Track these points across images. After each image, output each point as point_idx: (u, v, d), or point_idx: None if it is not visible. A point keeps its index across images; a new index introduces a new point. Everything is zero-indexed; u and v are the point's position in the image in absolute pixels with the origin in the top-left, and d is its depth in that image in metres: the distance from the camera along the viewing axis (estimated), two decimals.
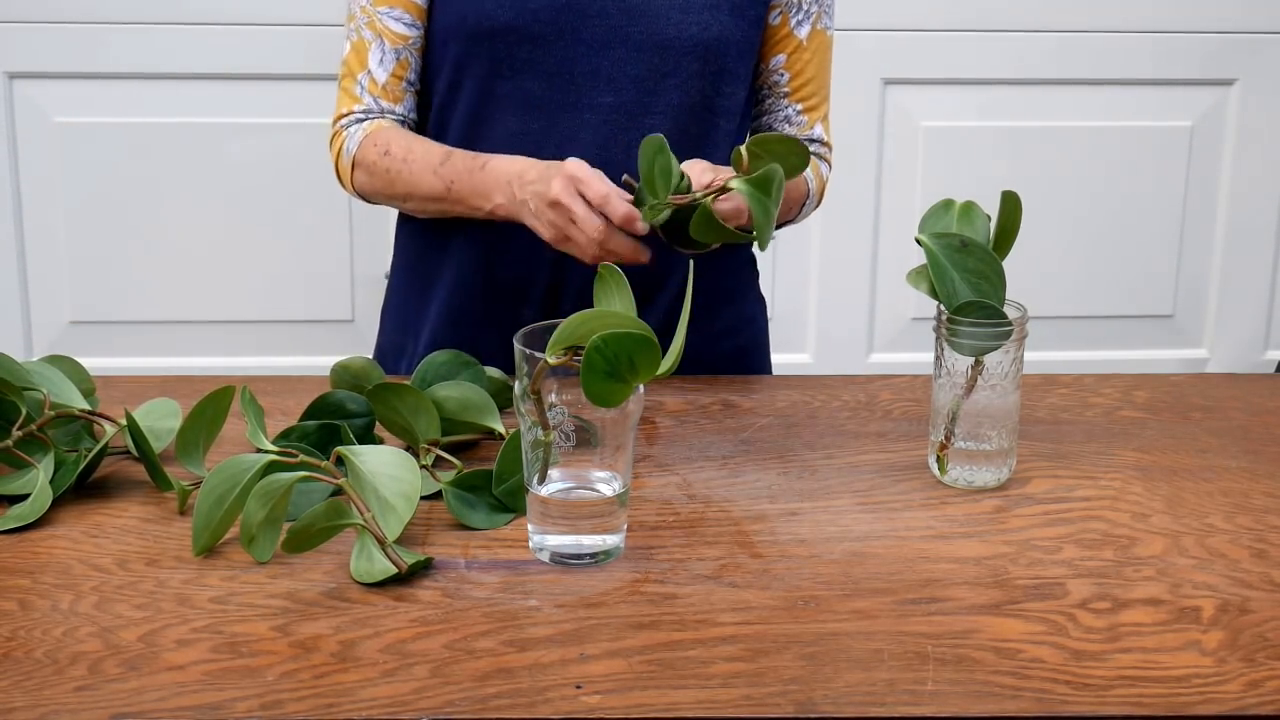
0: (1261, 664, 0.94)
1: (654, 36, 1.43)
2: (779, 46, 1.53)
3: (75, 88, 2.69)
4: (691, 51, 1.44)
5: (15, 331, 2.79)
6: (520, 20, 1.42)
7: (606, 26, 1.43)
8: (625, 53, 1.43)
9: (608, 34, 1.43)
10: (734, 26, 1.46)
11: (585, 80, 1.44)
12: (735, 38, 1.47)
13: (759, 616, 0.99)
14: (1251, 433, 1.33)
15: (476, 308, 1.52)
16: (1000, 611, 1.00)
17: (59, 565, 1.06)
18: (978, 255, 1.17)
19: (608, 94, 1.44)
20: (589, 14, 1.43)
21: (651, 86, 1.44)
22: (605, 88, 1.44)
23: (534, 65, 1.44)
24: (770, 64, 1.54)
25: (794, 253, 2.89)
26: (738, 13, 1.47)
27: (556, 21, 1.42)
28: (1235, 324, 3.01)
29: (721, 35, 1.45)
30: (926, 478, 1.22)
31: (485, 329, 1.51)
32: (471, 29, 1.44)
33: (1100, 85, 2.86)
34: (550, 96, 1.44)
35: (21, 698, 0.89)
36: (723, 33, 1.45)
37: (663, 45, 1.43)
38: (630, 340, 0.98)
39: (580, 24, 1.43)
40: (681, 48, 1.44)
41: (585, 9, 1.43)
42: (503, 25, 1.42)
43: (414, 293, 1.57)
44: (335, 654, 0.94)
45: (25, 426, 1.18)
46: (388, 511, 1.06)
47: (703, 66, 1.45)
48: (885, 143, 2.86)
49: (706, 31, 1.44)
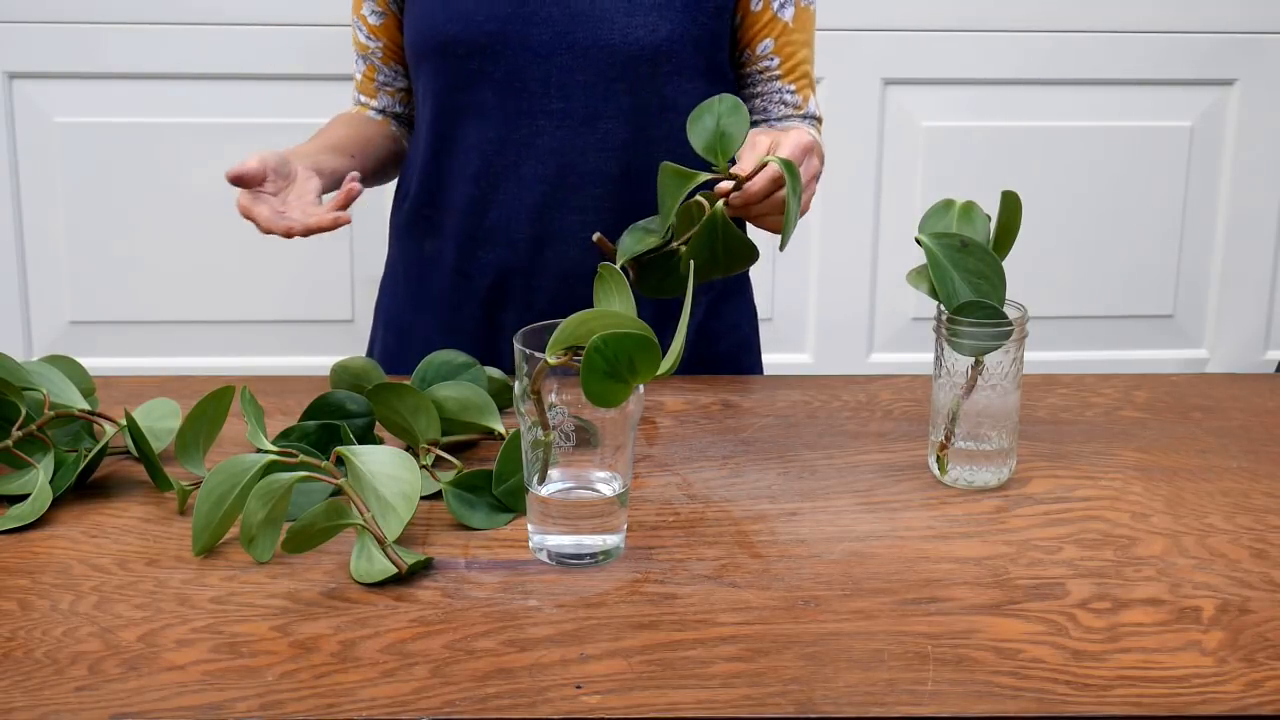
0: (1261, 664, 0.94)
1: (599, 42, 1.44)
2: (765, 31, 1.53)
3: (75, 88, 2.69)
4: (639, 55, 1.45)
5: (15, 331, 2.79)
6: (467, 33, 1.44)
7: (553, 34, 1.44)
8: (572, 59, 1.44)
9: (554, 41, 1.44)
10: (688, 23, 1.46)
11: (536, 88, 1.45)
12: (690, 34, 1.46)
13: (759, 616, 0.99)
14: (1251, 433, 1.33)
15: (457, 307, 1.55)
16: (1000, 611, 1.00)
17: (59, 565, 1.06)
18: (978, 255, 1.17)
19: (559, 101, 1.45)
20: (535, 22, 1.44)
21: (602, 92, 1.45)
22: (556, 95, 1.45)
23: (486, 76, 1.46)
24: (758, 50, 1.54)
25: (794, 253, 2.89)
26: (692, 8, 1.46)
27: (503, 32, 1.44)
28: (1235, 324, 3.01)
29: (671, 35, 1.45)
30: (926, 478, 1.22)
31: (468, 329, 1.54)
32: (425, 45, 1.47)
33: (1100, 85, 2.86)
34: (505, 106, 1.46)
35: (21, 698, 0.89)
36: (673, 33, 1.45)
37: (609, 50, 1.44)
38: (630, 340, 0.98)
39: (527, 33, 1.44)
40: (628, 52, 1.44)
41: (531, 17, 1.44)
42: (451, 39, 1.45)
43: (402, 293, 1.61)
44: (335, 654, 0.94)
45: (25, 426, 1.18)
46: (388, 511, 1.06)
47: (653, 69, 1.46)
48: (885, 143, 2.86)
49: (654, 34, 1.44)
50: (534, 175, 1.48)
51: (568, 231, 1.49)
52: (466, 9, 1.45)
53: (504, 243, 1.51)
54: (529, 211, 1.49)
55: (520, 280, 1.52)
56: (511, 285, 1.52)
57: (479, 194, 1.50)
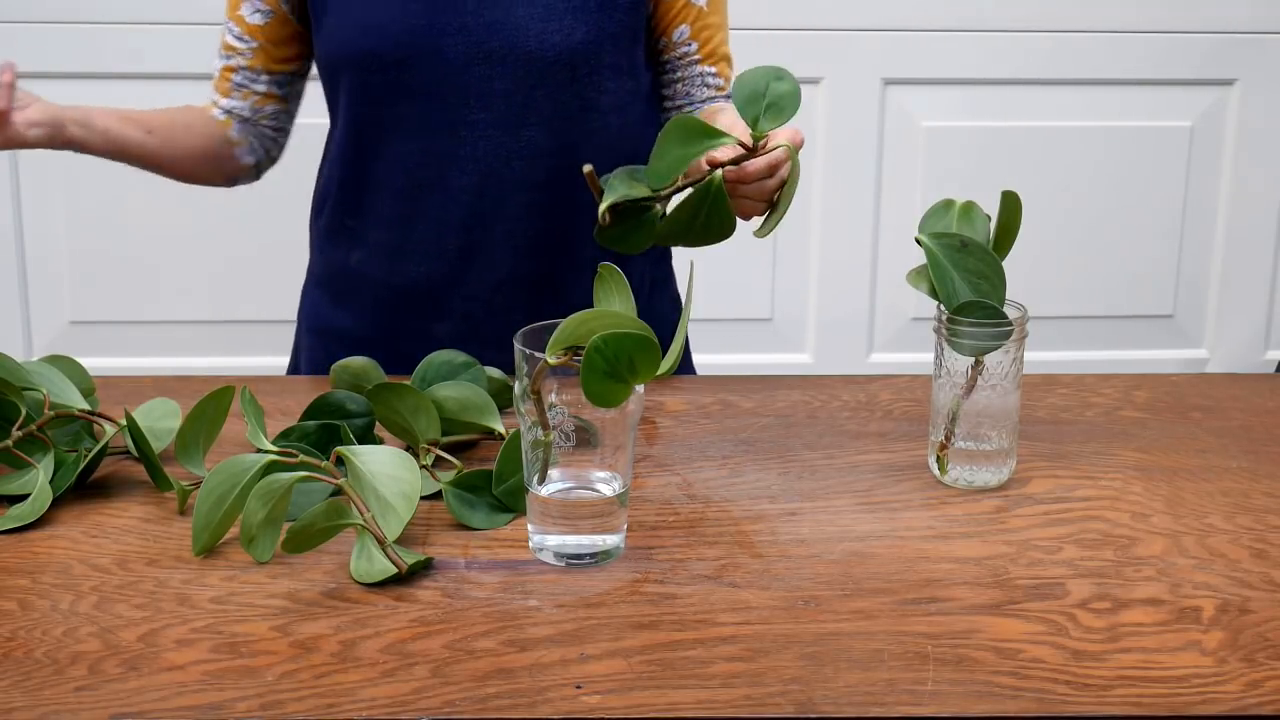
0: (1261, 664, 0.94)
1: (516, 50, 1.42)
2: (680, 17, 1.51)
3: (75, 88, 2.69)
4: (557, 61, 1.43)
5: (15, 331, 2.79)
6: (382, 47, 1.42)
7: (468, 44, 1.42)
8: (490, 69, 1.42)
9: (471, 52, 1.42)
10: (603, 23, 1.44)
11: (455, 99, 1.44)
12: (606, 33, 1.44)
13: (759, 616, 0.99)
14: (1251, 433, 1.33)
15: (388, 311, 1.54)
16: (1000, 611, 1.00)
17: (59, 565, 1.06)
18: (978, 255, 1.17)
19: (480, 111, 1.44)
20: (449, 33, 1.42)
21: (522, 99, 1.44)
22: (476, 105, 1.44)
23: (404, 89, 1.44)
24: (674, 36, 1.52)
25: (794, 253, 2.89)
26: (606, 7, 1.44)
27: (418, 44, 1.42)
28: (1235, 324, 3.01)
29: (588, 37, 1.43)
30: (926, 478, 1.22)
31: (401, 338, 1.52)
32: (341, 60, 1.46)
33: (1100, 85, 2.86)
34: (425, 119, 1.45)
35: (21, 698, 0.89)
36: (589, 34, 1.43)
37: (527, 58, 1.42)
38: (630, 340, 0.98)
39: (443, 44, 1.42)
40: (546, 59, 1.43)
41: (445, 28, 1.42)
42: (366, 53, 1.43)
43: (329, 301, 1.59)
44: (335, 654, 0.94)
45: (25, 426, 1.18)
46: (388, 511, 1.06)
47: (572, 72, 1.44)
48: (885, 143, 2.86)
49: (570, 38, 1.43)
50: (459, 187, 1.46)
51: (497, 241, 1.48)
52: (380, 22, 1.42)
53: (434, 255, 1.49)
54: (456, 224, 1.48)
55: (451, 291, 1.50)
56: (443, 296, 1.51)
57: (404, 208, 1.48)
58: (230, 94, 1.56)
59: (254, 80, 1.55)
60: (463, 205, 1.47)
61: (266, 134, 1.59)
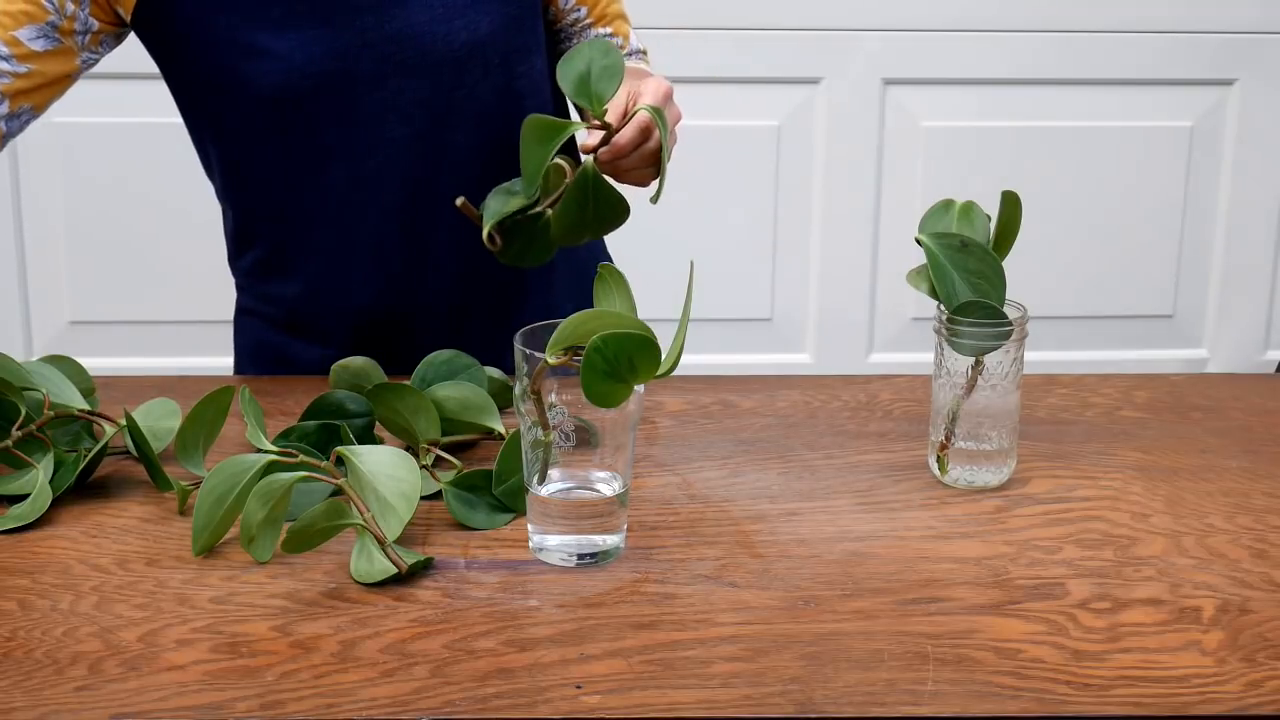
0: (1261, 664, 0.94)
1: (426, 56, 1.35)
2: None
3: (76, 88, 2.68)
4: (469, 58, 1.37)
5: (15, 331, 2.79)
6: (289, 79, 1.34)
7: (375, 59, 1.34)
8: (403, 81, 1.36)
9: (379, 67, 1.35)
10: (503, 7, 1.38)
11: (372, 119, 1.37)
12: (509, 18, 1.39)
13: (759, 616, 0.99)
14: (1251, 433, 1.33)
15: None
16: (1000, 611, 1.00)
17: (59, 565, 1.06)
18: (978, 255, 1.17)
19: (400, 126, 1.38)
20: (354, 52, 1.34)
21: (442, 105, 1.38)
22: (395, 119, 1.37)
23: (319, 118, 1.36)
24: (563, 4, 1.47)
25: (794, 253, 2.89)
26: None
27: (325, 70, 1.34)
28: (1235, 324, 3.01)
29: (493, 26, 1.38)
30: (926, 478, 1.22)
31: None
32: (247, 96, 1.35)
33: (1100, 85, 2.86)
34: (345, 144, 1.37)
35: (21, 698, 0.89)
36: (494, 23, 1.38)
37: (437, 63, 1.36)
38: (630, 340, 0.98)
39: (350, 65, 1.34)
40: (457, 58, 1.37)
41: (347, 50, 1.34)
42: (275, 88, 1.34)
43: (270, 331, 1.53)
44: (335, 654, 0.94)
45: (25, 426, 1.18)
46: (388, 511, 1.06)
47: (485, 66, 1.38)
48: (885, 143, 2.86)
49: (476, 31, 1.37)
50: (394, 206, 1.41)
51: (444, 252, 1.44)
52: (281, 57, 1.33)
53: (378, 277, 1.43)
54: (397, 243, 1.42)
55: (406, 310, 1.46)
56: (400, 316, 1.46)
57: (340, 236, 1.42)
58: None
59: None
60: (399, 224, 1.41)
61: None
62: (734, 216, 2.86)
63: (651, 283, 1.62)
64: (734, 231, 2.86)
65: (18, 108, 1.34)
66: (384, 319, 1.47)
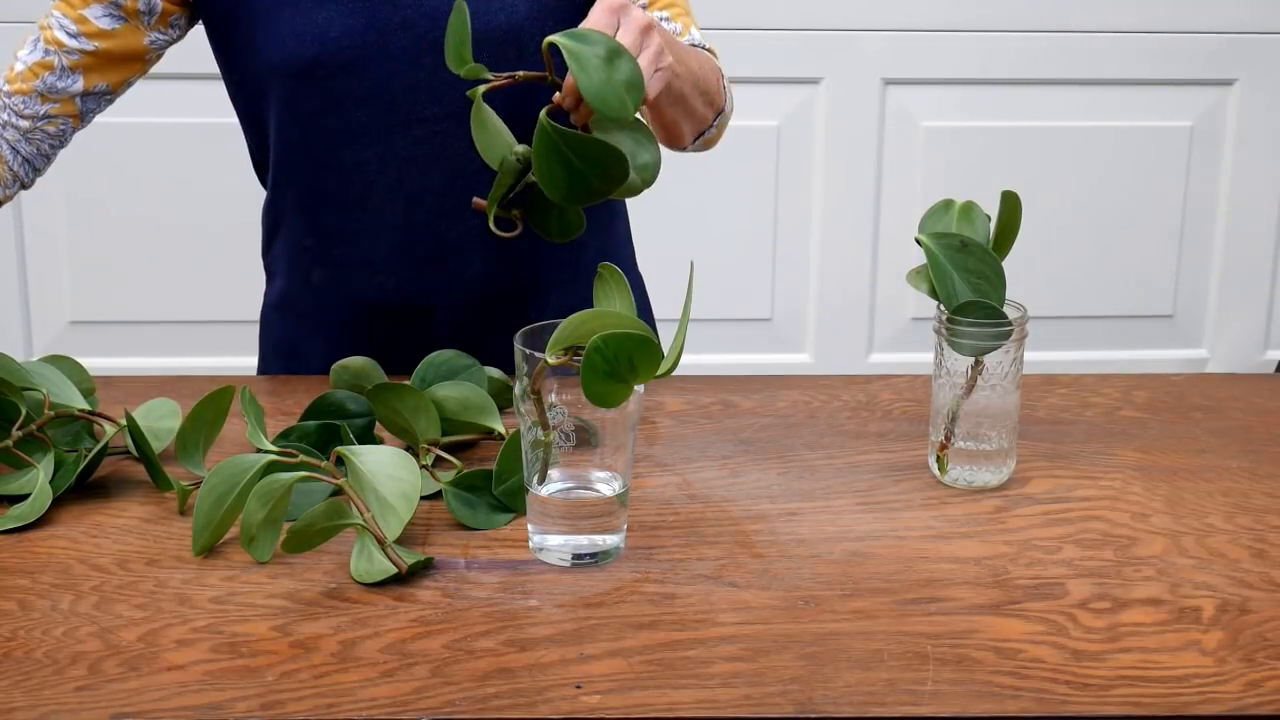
0: (1261, 664, 0.94)
1: None
2: None
3: None
4: (504, 40, 1.37)
5: (15, 331, 2.79)
6: (324, 52, 1.36)
7: (412, 38, 1.36)
8: (437, 60, 1.33)
9: (414, 46, 1.36)
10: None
11: (406, 97, 1.38)
12: (549, 5, 1.39)
13: (759, 616, 0.99)
14: (1251, 433, 1.33)
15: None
16: (1000, 611, 1.00)
17: (59, 565, 1.06)
18: (978, 255, 1.17)
19: (432, 106, 1.38)
20: (391, 29, 1.36)
21: (474, 86, 1.35)
22: (428, 99, 1.38)
23: (351, 94, 1.38)
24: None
25: (794, 253, 2.89)
26: None
27: (360, 45, 1.36)
28: (1235, 324, 3.01)
29: (531, 11, 1.38)
30: (926, 478, 1.22)
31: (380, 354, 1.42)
32: (281, 71, 1.38)
33: (1100, 85, 2.86)
34: (376, 122, 1.38)
35: (21, 698, 0.89)
36: (532, 9, 1.38)
37: (474, 43, 1.31)
38: (630, 340, 0.98)
39: (386, 41, 1.36)
40: (492, 40, 1.36)
41: (385, 26, 1.36)
42: (309, 62, 1.36)
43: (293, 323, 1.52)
44: (335, 654, 0.94)
45: (25, 426, 1.18)
46: (388, 511, 1.06)
47: (520, 50, 1.38)
48: (885, 143, 2.86)
49: (514, 15, 1.37)
50: (422, 189, 1.41)
51: (470, 238, 1.43)
52: (318, 29, 1.36)
53: (404, 262, 1.43)
54: (424, 227, 1.42)
55: (431, 299, 1.45)
56: (424, 305, 1.45)
57: (367, 218, 1.43)
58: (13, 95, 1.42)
59: (70, 82, 1.42)
60: (428, 207, 1.42)
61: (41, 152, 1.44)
62: (734, 216, 2.86)
63: (651, 283, 1.62)
64: (734, 231, 2.86)
65: (93, 85, 1.42)
66: (410, 306, 1.46)
